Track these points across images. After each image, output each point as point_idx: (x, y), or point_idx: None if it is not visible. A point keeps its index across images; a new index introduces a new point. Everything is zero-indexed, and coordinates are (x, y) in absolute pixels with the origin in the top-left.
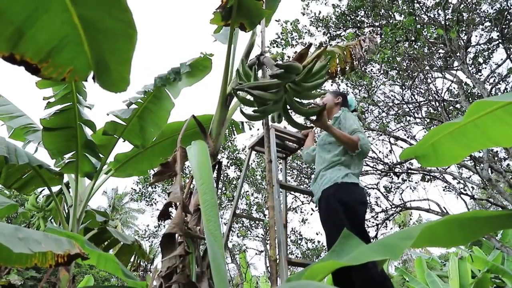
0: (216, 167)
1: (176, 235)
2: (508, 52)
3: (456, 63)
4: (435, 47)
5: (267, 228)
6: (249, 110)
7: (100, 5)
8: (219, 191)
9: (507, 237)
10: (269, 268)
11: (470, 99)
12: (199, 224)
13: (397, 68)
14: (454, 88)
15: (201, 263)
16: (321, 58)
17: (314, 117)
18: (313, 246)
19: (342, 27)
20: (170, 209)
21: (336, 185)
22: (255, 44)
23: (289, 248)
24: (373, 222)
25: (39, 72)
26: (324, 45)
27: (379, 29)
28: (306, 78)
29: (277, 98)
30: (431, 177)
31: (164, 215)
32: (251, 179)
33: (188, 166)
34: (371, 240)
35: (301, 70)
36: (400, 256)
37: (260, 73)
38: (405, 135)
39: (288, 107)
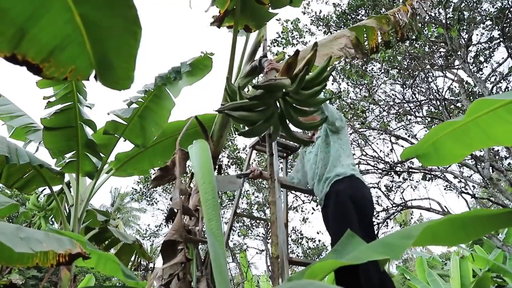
0: (216, 170)
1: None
2: (509, 51)
3: (457, 62)
4: (436, 46)
5: (268, 226)
6: None
7: (104, 3)
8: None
9: (511, 237)
10: (270, 267)
11: (471, 98)
12: (198, 225)
13: (398, 67)
14: (455, 87)
15: (201, 263)
16: (313, 61)
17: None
18: (314, 245)
19: (343, 26)
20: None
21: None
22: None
23: (290, 247)
24: (374, 221)
25: (41, 72)
26: (317, 45)
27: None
28: (305, 85)
29: (266, 116)
30: (432, 176)
31: (170, 217)
32: None
33: (189, 165)
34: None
35: (287, 85)
36: (401, 255)
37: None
38: (406, 134)
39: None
